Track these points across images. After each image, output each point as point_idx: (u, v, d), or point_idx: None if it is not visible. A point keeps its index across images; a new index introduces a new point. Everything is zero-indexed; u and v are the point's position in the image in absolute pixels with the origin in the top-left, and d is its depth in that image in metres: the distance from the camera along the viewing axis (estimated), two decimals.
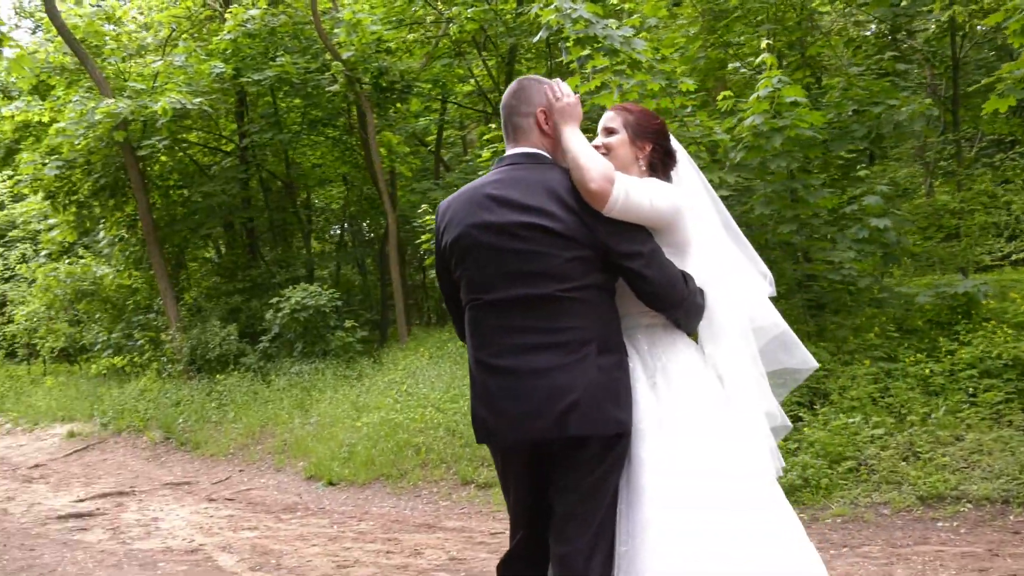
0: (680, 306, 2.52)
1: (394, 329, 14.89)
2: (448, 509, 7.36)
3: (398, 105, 14.94)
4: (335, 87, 13.65)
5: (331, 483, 8.61)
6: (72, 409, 14.65)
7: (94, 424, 13.57)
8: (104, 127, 12.76)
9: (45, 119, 14.27)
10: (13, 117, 14.78)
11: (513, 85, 2.73)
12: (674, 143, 2.80)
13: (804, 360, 2.82)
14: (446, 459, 8.27)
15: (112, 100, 12.76)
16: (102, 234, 16.18)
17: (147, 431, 12.44)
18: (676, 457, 2.41)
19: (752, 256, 2.84)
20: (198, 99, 13.23)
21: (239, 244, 16.81)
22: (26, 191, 15.93)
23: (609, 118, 2.78)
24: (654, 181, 2.60)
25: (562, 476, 2.49)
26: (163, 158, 14.96)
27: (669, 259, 2.53)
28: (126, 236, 15.55)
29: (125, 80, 14.63)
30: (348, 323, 13.43)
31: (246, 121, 15.50)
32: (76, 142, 13.15)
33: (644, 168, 2.72)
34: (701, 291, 2.59)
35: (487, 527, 6.62)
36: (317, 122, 15.85)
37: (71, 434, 13.50)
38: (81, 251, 17.67)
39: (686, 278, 2.53)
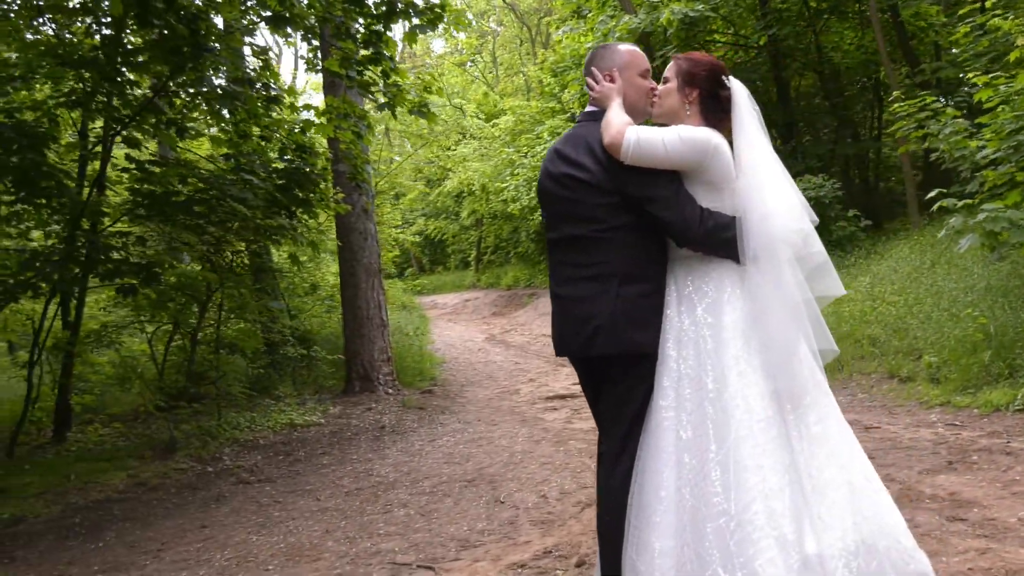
0: (701, 243, 2.75)
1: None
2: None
3: None
4: None
5: None
6: None
7: None
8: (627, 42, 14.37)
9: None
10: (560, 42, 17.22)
11: (591, 52, 3.20)
12: (734, 85, 2.91)
13: (837, 287, 2.90)
14: (878, 353, 8.14)
15: (630, 16, 14.24)
16: None
17: None
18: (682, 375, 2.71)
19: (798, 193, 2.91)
20: (700, 6, 13.95)
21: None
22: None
23: (668, 68, 3.02)
24: (678, 127, 2.78)
25: (602, 386, 2.97)
26: None
27: (692, 199, 2.75)
28: None
29: None
30: (850, 213, 13.23)
31: (767, 16, 15.75)
32: None
33: (693, 113, 2.90)
34: (728, 225, 2.73)
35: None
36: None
37: None
38: None
39: (704, 217, 2.72)
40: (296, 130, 8.31)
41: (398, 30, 49.34)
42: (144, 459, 7.35)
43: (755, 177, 2.76)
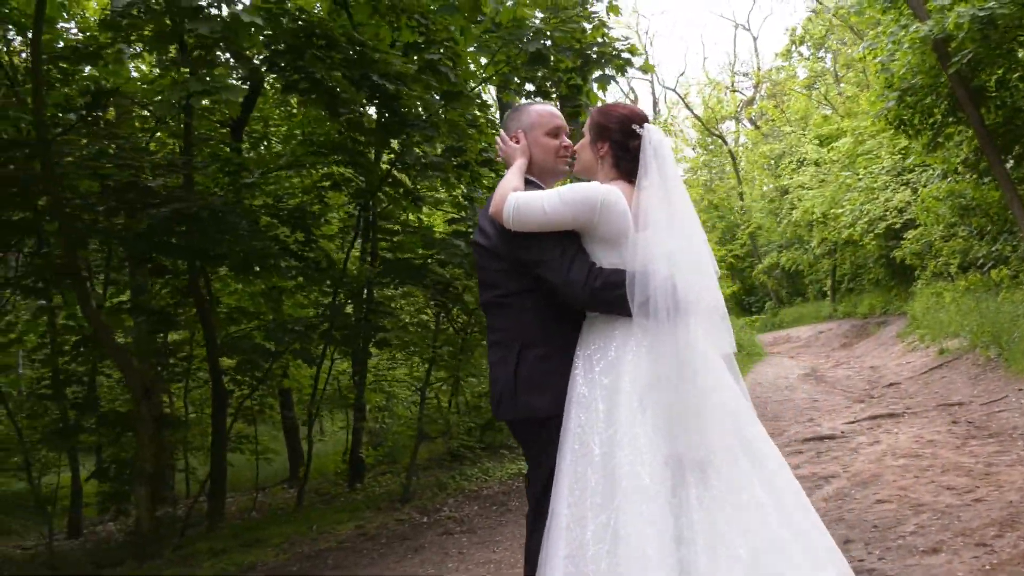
0: (590, 303, 2.71)
1: None
2: None
3: None
4: None
5: None
6: (954, 325, 15.08)
7: (961, 340, 13.81)
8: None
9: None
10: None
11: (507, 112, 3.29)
12: (646, 133, 2.80)
13: (731, 344, 2.80)
14: None
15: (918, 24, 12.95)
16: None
17: (982, 348, 12.24)
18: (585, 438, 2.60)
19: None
20: (992, 2, 12.27)
21: None
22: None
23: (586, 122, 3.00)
24: (561, 188, 2.76)
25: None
26: (999, 71, 13.99)
27: (581, 258, 2.69)
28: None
29: None
30: None
31: None
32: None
33: (605, 167, 2.86)
34: (619, 283, 2.64)
35: None
36: None
37: (942, 351, 14.07)
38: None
39: (591, 276, 2.66)
40: None
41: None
42: (380, 509, 8.04)
43: (658, 230, 2.67)
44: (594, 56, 7.80)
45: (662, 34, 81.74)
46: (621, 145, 2.82)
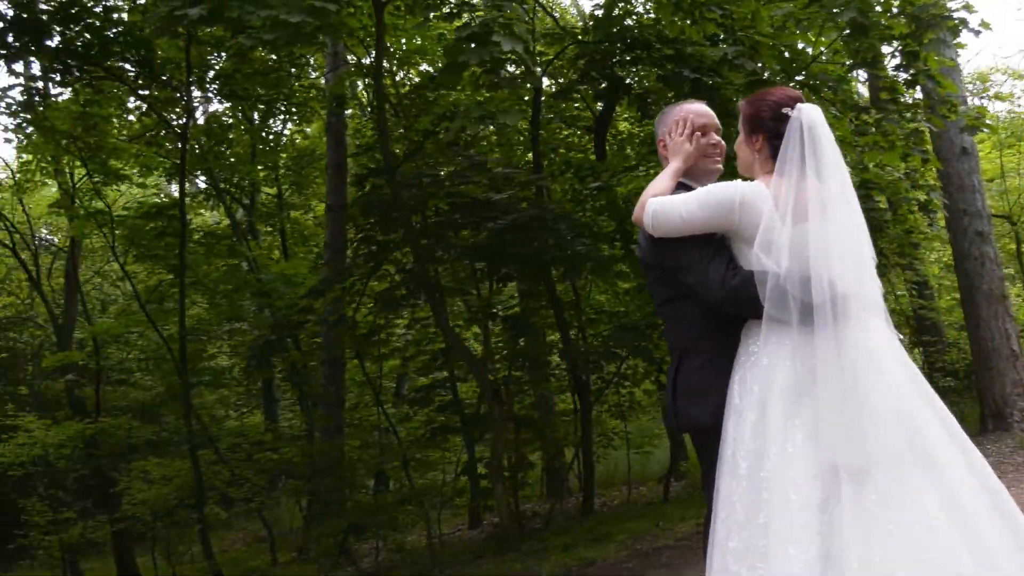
0: (727, 304, 2.55)
1: None
2: None
3: None
4: None
5: None
6: None
7: None
8: None
9: None
10: None
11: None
12: (795, 114, 2.51)
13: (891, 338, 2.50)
14: None
15: None
16: None
17: None
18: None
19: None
20: None
21: None
22: None
23: None
24: (701, 189, 2.60)
25: None
26: None
27: (721, 258, 2.54)
28: None
29: None
30: None
31: None
32: None
33: (763, 162, 2.62)
34: (753, 281, 2.45)
35: None
36: None
37: None
38: None
39: (727, 276, 2.52)
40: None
41: None
42: None
43: (812, 223, 2.43)
44: (925, 18, 6.84)
45: None
46: (776, 133, 2.53)
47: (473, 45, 5.48)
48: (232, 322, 12.58)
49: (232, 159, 12.88)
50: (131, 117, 10.99)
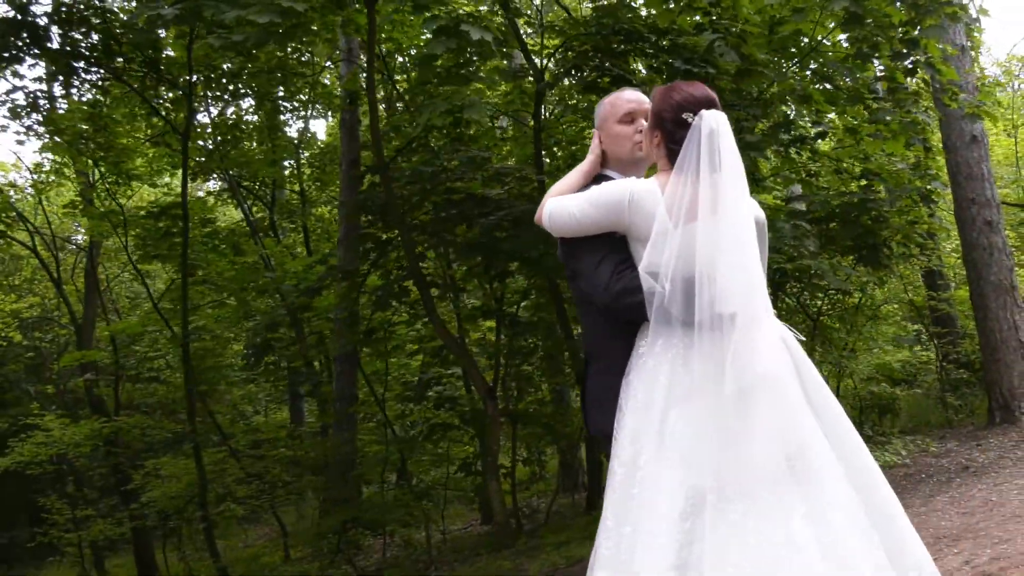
0: (612, 309, 2.50)
1: None
2: None
3: None
4: None
5: None
6: None
7: None
8: None
9: None
10: None
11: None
12: (700, 121, 2.42)
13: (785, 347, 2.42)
14: None
15: None
16: None
17: None
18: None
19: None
20: None
21: None
22: None
23: None
24: (591, 188, 2.53)
25: None
26: None
27: (610, 263, 2.48)
28: None
29: None
30: None
31: None
32: None
33: (660, 158, 2.54)
34: (637, 287, 2.39)
35: None
36: None
37: None
38: None
39: (612, 281, 2.46)
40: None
41: None
42: None
43: (700, 225, 2.35)
44: (924, 4, 6.70)
45: None
46: (673, 138, 2.45)
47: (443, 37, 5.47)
48: (248, 320, 12.68)
49: (243, 159, 12.96)
50: (138, 118, 11.08)
